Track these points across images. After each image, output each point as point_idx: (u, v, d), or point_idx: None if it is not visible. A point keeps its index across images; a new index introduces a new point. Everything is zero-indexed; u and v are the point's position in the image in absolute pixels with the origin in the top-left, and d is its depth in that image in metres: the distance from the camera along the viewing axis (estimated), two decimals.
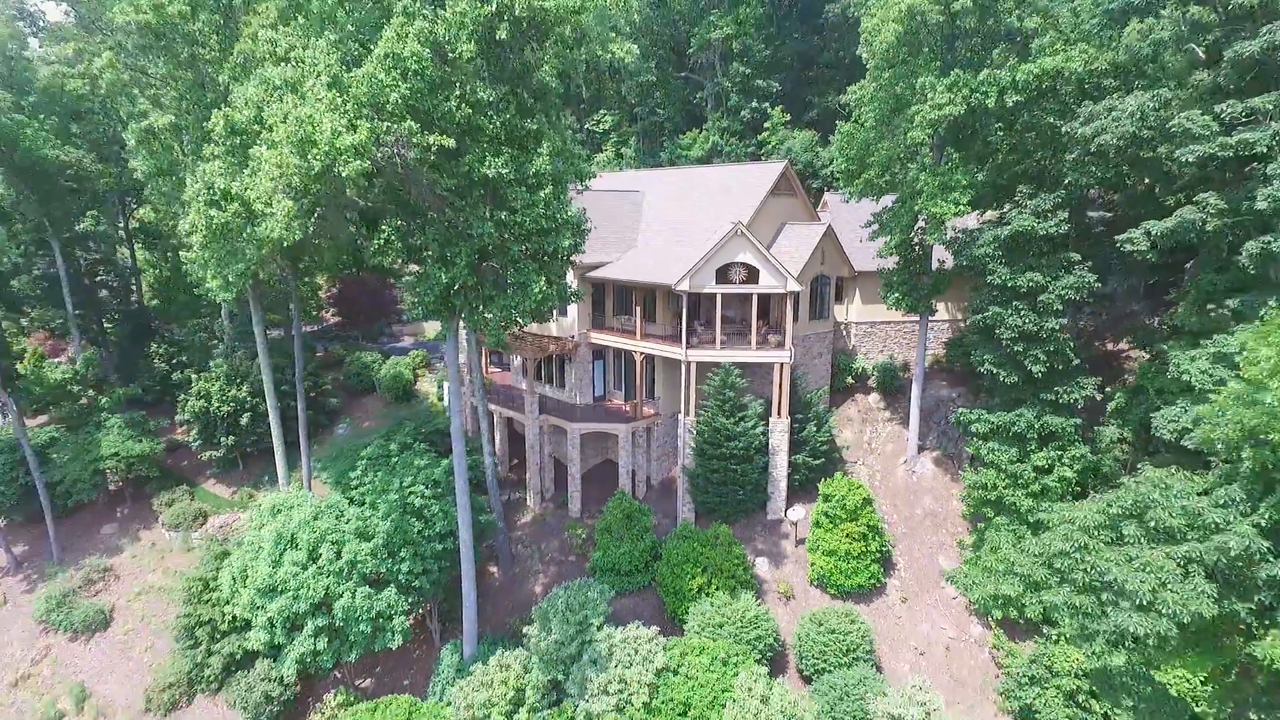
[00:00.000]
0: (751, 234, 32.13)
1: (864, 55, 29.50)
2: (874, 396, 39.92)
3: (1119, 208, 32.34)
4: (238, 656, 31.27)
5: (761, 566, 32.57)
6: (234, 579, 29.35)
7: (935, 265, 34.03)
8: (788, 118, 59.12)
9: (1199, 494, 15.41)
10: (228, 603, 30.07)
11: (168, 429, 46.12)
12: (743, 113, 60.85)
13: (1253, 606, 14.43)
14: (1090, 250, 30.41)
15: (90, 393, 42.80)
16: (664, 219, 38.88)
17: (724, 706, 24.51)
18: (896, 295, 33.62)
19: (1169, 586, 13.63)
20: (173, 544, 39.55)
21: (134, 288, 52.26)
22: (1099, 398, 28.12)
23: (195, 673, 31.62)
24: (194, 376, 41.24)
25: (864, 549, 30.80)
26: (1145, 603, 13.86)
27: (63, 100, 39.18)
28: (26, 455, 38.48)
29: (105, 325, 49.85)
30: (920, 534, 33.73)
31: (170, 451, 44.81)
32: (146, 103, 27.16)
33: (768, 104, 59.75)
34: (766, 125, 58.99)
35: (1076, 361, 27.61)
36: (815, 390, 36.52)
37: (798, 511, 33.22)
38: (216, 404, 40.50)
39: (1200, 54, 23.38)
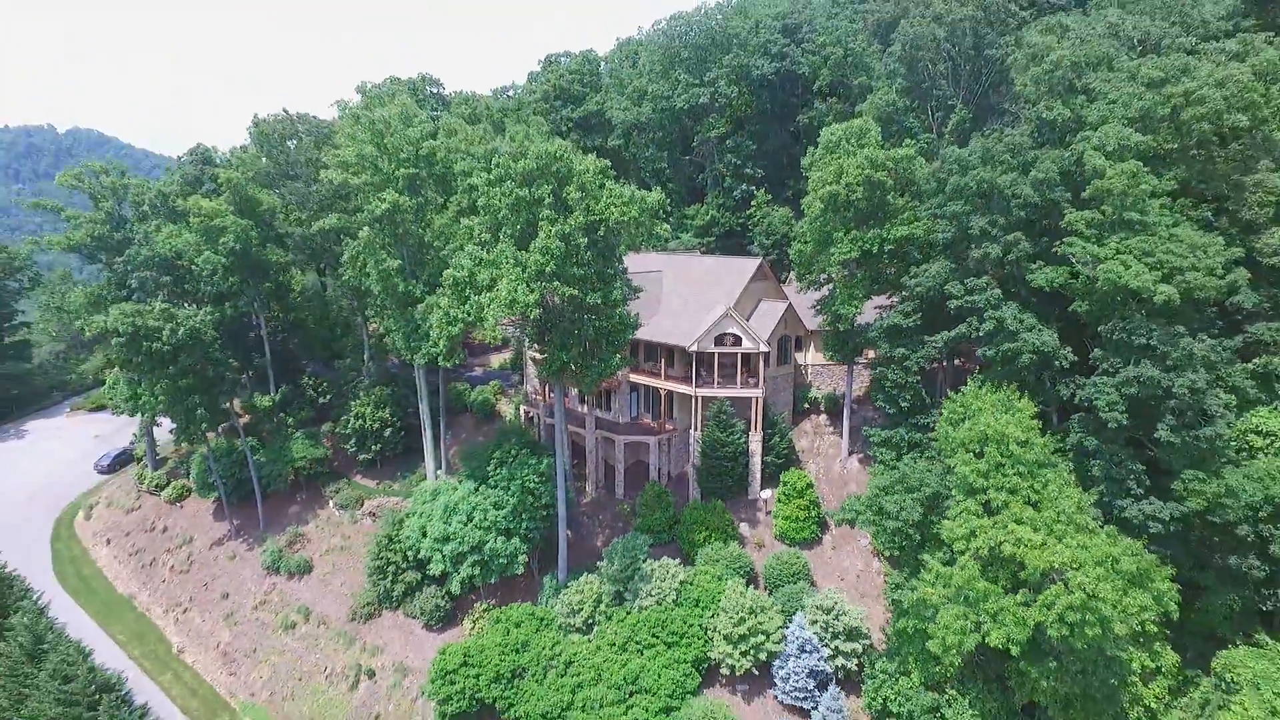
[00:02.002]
0: (737, 313, 50.34)
1: (805, 211, 47.87)
2: (823, 417, 58.09)
3: None
4: (412, 585, 49.33)
5: (744, 528, 50.63)
6: (415, 532, 47.44)
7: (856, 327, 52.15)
8: (770, 197, 77.24)
9: (928, 470, 33.67)
10: (410, 548, 48.06)
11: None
12: (735, 193, 79.03)
13: (940, 515, 32.91)
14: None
15: (280, 414, 61.08)
16: (678, 293, 56.96)
17: (720, 600, 42.62)
18: (830, 352, 51.84)
19: (904, 509, 31.91)
20: (342, 519, 57.63)
21: (284, 336, 70.54)
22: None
23: (383, 595, 49.64)
24: (353, 403, 59.37)
25: (808, 515, 48.97)
26: (892, 515, 32.30)
27: (273, 220, 58.00)
28: (246, 457, 56.74)
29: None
30: None
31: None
32: (386, 254, 45.58)
33: (754, 186, 77.97)
34: (753, 203, 76.96)
35: (929, 400, 45.77)
36: (780, 413, 54.75)
37: (767, 493, 51.36)
38: (369, 422, 58.67)
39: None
